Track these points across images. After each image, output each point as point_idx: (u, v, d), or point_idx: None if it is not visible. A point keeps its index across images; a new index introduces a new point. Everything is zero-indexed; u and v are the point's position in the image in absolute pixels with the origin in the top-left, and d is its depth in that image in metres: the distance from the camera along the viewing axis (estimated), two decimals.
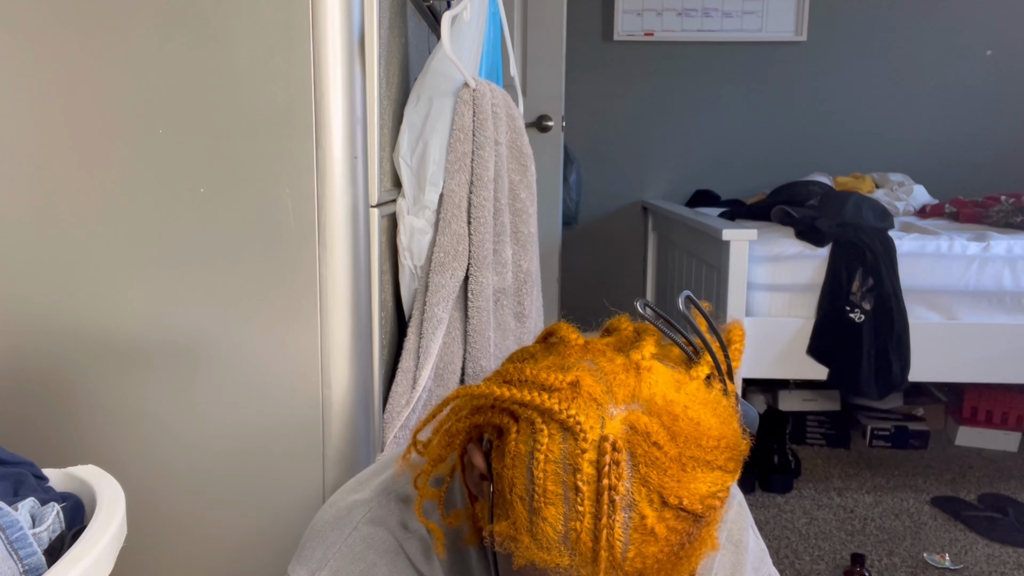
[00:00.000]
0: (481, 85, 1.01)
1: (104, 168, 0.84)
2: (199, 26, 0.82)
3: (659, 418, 0.49)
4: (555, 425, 0.50)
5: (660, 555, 0.48)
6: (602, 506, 0.48)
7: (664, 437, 0.49)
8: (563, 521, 0.49)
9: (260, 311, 0.86)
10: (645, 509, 0.48)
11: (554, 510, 0.49)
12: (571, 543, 0.48)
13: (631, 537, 0.48)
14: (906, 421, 2.88)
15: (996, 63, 3.50)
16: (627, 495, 0.48)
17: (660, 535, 0.48)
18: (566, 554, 0.48)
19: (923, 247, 2.26)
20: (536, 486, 0.50)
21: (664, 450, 0.48)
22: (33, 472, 0.72)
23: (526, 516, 0.50)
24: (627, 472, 0.48)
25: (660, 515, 0.48)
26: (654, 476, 0.48)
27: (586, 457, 0.48)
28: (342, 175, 0.84)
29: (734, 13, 3.50)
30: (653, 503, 0.48)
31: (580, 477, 0.48)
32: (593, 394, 0.51)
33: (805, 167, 3.47)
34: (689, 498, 0.48)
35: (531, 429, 0.51)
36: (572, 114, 3.48)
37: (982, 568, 2.07)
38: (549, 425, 0.50)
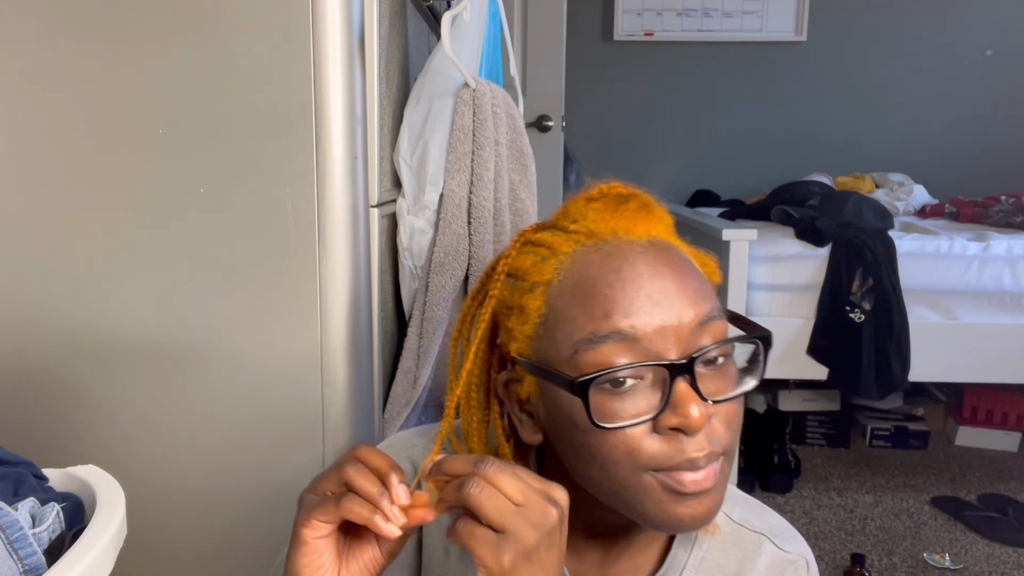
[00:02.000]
0: (481, 85, 1.01)
1: (104, 168, 0.84)
2: (199, 26, 0.82)
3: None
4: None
5: (603, 212, 0.59)
6: (556, 232, 0.61)
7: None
8: (536, 257, 0.59)
9: (260, 311, 0.86)
10: (578, 212, 0.61)
11: (528, 260, 0.60)
12: (548, 254, 0.58)
13: (582, 211, 0.61)
14: (906, 421, 2.88)
15: (996, 63, 3.50)
16: (565, 222, 0.61)
17: (596, 206, 0.60)
18: (550, 262, 0.58)
19: (923, 247, 2.26)
20: (514, 272, 0.61)
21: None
22: (33, 472, 0.72)
23: (520, 291, 0.59)
24: (561, 222, 0.62)
25: (592, 204, 0.60)
26: (574, 208, 0.62)
27: (535, 237, 0.62)
28: (342, 175, 0.84)
29: (734, 13, 3.50)
30: (583, 205, 0.61)
31: (534, 241, 0.61)
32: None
33: (805, 167, 3.46)
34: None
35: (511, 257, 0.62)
36: (572, 114, 3.47)
37: (982, 568, 2.07)
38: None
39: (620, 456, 0.54)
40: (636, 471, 0.54)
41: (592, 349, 0.53)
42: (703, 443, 0.54)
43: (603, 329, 0.53)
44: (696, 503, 0.54)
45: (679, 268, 0.56)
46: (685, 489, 0.54)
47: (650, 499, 0.54)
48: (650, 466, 0.54)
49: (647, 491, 0.54)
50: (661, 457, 0.53)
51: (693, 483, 0.54)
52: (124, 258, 0.86)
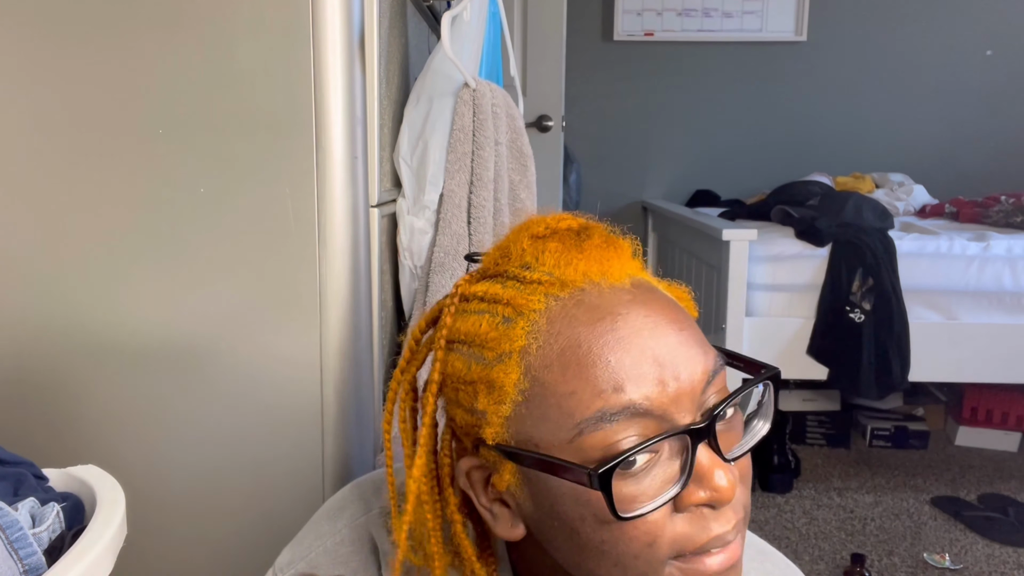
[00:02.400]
0: (481, 85, 1.01)
1: (104, 168, 0.84)
2: (199, 27, 0.82)
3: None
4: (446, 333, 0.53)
5: (566, 255, 0.51)
6: (506, 283, 0.52)
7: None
8: (493, 317, 0.50)
9: (260, 311, 0.86)
10: (529, 255, 0.52)
11: (484, 323, 0.50)
12: (512, 314, 0.49)
13: (533, 253, 0.52)
14: (906, 421, 2.88)
15: (996, 63, 3.50)
16: (511, 268, 0.52)
17: (552, 247, 0.51)
18: (518, 324, 0.49)
19: (923, 247, 2.26)
20: (463, 339, 0.51)
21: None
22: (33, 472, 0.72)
23: (481, 363, 0.50)
24: (501, 267, 0.53)
25: (541, 244, 0.52)
26: (516, 247, 0.53)
27: (470, 291, 0.53)
28: (342, 175, 0.84)
29: (734, 13, 3.50)
30: (530, 246, 0.52)
31: (477, 296, 0.52)
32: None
33: (805, 167, 3.47)
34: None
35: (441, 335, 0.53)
36: (572, 114, 3.48)
37: (982, 568, 2.07)
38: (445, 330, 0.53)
39: (640, 549, 0.46)
40: (657, 563, 0.47)
41: (600, 430, 0.45)
42: (729, 514, 0.47)
43: (614, 406, 0.45)
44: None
45: (673, 315, 0.49)
46: (712, 572, 0.47)
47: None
48: (672, 553, 0.47)
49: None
50: (685, 540, 0.47)
51: (719, 563, 0.47)
52: (124, 258, 0.86)
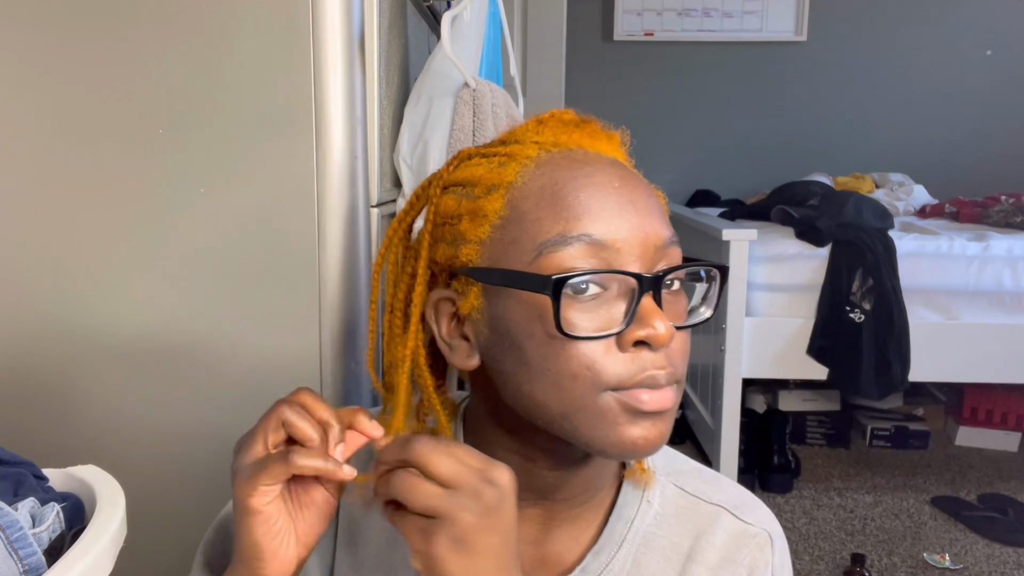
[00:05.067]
0: (481, 85, 1.01)
1: (104, 168, 0.84)
2: (199, 26, 0.82)
3: None
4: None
5: (562, 131, 0.58)
6: (506, 140, 0.59)
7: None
8: (490, 163, 0.56)
9: (260, 311, 0.86)
10: (530, 133, 0.59)
11: (481, 167, 0.56)
12: (507, 159, 0.56)
13: (534, 129, 0.59)
14: (906, 421, 2.88)
15: (996, 63, 3.50)
16: (511, 139, 0.59)
17: (552, 124, 0.59)
18: (511, 166, 0.55)
19: (923, 247, 2.26)
20: (458, 179, 0.57)
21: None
22: (33, 472, 0.72)
23: (470, 198, 0.56)
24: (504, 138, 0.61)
25: (542, 126, 0.59)
26: (519, 131, 0.60)
27: (478, 151, 0.59)
28: (342, 175, 0.84)
29: (734, 13, 3.50)
30: (532, 127, 0.60)
31: (480, 153, 0.58)
32: None
33: (805, 167, 3.46)
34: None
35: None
36: None
37: (982, 568, 2.07)
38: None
39: (579, 370, 0.51)
40: (594, 389, 0.51)
41: (558, 252, 0.51)
42: (664, 362, 0.51)
43: (572, 231, 0.51)
44: (650, 425, 0.52)
45: (646, 187, 0.56)
46: (644, 407, 0.51)
47: (605, 420, 0.51)
48: (610, 384, 0.51)
49: (603, 412, 0.51)
50: (624, 373, 0.51)
51: (653, 401, 0.51)
52: (124, 258, 0.86)
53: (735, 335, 2.18)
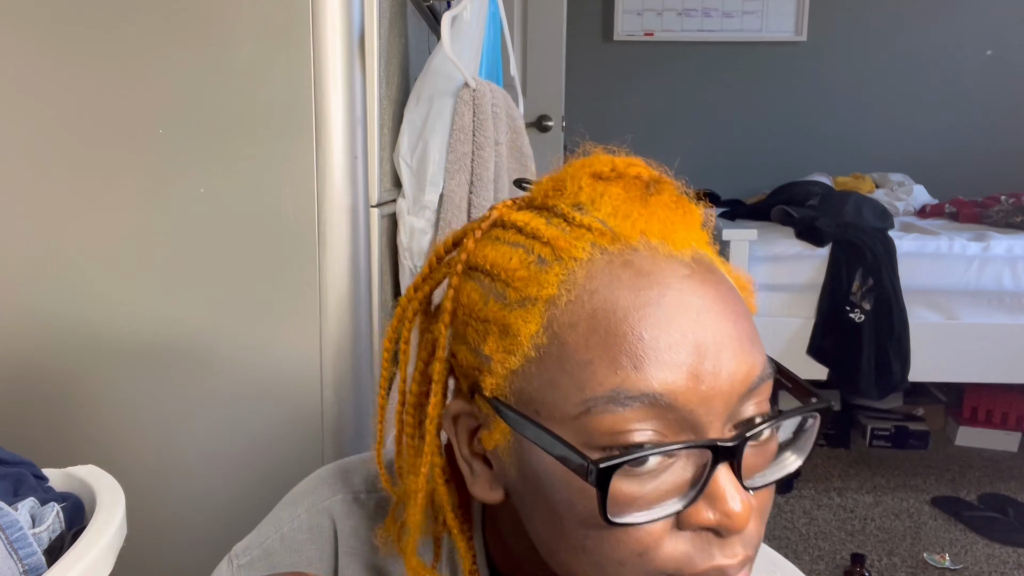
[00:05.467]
0: (481, 85, 1.01)
1: (105, 168, 0.84)
2: (199, 26, 0.82)
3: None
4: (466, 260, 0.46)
5: (627, 205, 0.44)
6: (551, 219, 0.44)
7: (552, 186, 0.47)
8: (528, 254, 0.43)
9: (260, 311, 0.86)
10: (586, 195, 0.45)
11: (515, 258, 0.43)
12: (549, 256, 0.42)
13: (590, 195, 0.44)
14: (906, 421, 2.88)
15: (996, 63, 3.50)
16: (562, 204, 0.45)
17: (615, 192, 0.44)
18: (553, 268, 0.42)
19: (923, 247, 2.26)
20: (487, 268, 0.44)
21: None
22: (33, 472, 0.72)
23: (501, 301, 0.43)
24: (551, 201, 0.45)
25: (602, 186, 0.45)
26: (573, 182, 0.45)
27: (510, 219, 0.45)
28: (342, 175, 0.84)
29: (734, 13, 3.50)
30: (588, 184, 0.45)
31: (516, 225, 0.45)
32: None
33: (805, 167, 3.46)
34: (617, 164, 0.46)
35: (450, 271, 0.47)
36: (572, 114, 3.48)
37: (982, 568, 2.07)
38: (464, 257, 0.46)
39: (628, 556, 0.40)
40: (649, 574, 0.41)
41: (611, 413, 0.39)
42: (737, 547, 0.41)
43: (631, 389, 0.39)
44: None
45: (730, 302, 0.42)
46: None
47: None
48: (666, 571, 0.40)
49: None
50: (683, 562, 0.40)
51: None
52: (124, 258, 0.86)
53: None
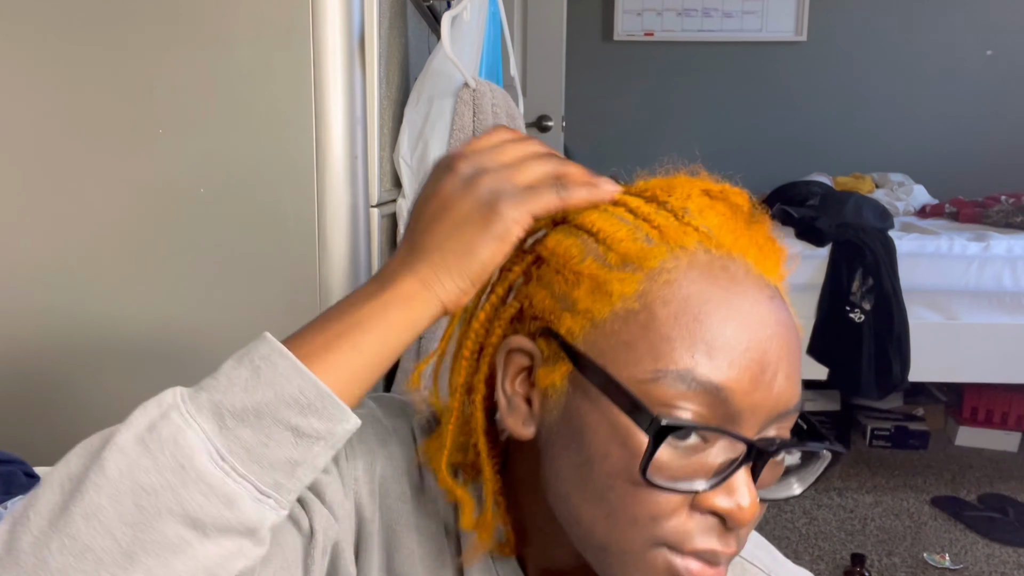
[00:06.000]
0: (481, 85, 1.01)
1: (104, 168, 0.84)
2: (199, 26, 0.82)
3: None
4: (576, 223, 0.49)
5: (731, 223, 0.48)
6: (661, 211, 0.48)
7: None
8: (637, 231, 0.47)
9: (260, 311, 0.86)
10: (694, 203, 0.49)
11: (624, 230, 0.47)
12: (657, 238, 0.46)
13: (699, 205, 0.49)
14: (906, 421, 2.88)
15: (996, 63, 3.50)
16: (673, 202, 0.49)
17: (721, 210, 0.49)
18: (659, 248, 0.46)
19: (923, 247, 2.26)
20: (594, 231, 0.47)
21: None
22: (24, 470, 0.72)
23: (600, 261, 0.46)
24: (662, 196, 0.50)
25: (709, 201, 0.50)
26: (683, 189, 0.50)
27: (623, 200, 0.49)
28: (342, 175, 0.84)
29: (734, 13, 3.50)
30: (697, 196, 0.50)
31: (628, 206, 0.48)
32: None
33: (805, 167, 3.46)
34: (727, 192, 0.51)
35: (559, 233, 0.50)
36: (572, 114, 3.47)
37: (982, 568, 2.07)
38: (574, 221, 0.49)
39: (641, 516, 0.44)
40: (649, 540, 0.44)
41: (676, 388, 0.43)
42: (732, 541, 0.45)
43: (703, 373, 0.43)
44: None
45: (794, 336, 0.47)
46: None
47: (643, 574, 0.45)
48: (667, 541, 0.44)
49: (647, 566, 0.45)
50: (685, 537, 0.44)
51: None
52: (124, 258, 0.86)
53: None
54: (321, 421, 0.42)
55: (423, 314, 0.46)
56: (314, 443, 0.42)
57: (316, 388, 0.42)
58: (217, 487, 0.40)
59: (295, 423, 0.42)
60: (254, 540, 0.41)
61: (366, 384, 0.46)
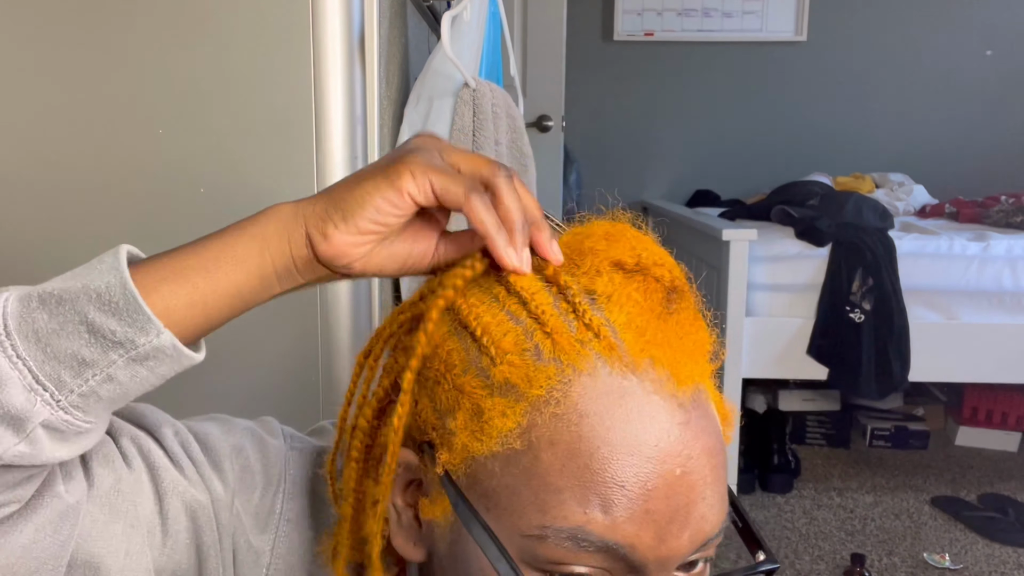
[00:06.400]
0: (481, 85, 1.01)
1: (104, 168, 0.84)
2: (199, 26, 0.82)
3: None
4: (450, 299, 0.43)
5: (642, 317, 0.41)
6: (560, 303, 0.41)
7: (577, 247, 0.44)
8: (526, 338, 0.40)
9: (260, 311, 0.86)
10: (603, 284, 0.41)
11: (511, 336, 0.40)
12: (548, 351, 0.40)
13: (607, 287, 0.41)
14: (906, 421, 2.88)
15: (996, 63, 3.50)
16: (576, 287, 0.41)
17: (633, 296, 0.41)
18: (548, 368, 0.39)
19: (923, 247, 2.26)
20: (478, 334, 0.41)
21: (589, 248, 0.43)
22: None
23: (482, 376, 0.40)
24: (565, 274, 0.42)
25: (622, 279, 0.42)
26: (593, 261, 0.42)
27: (517, 284, 0.42)
28: (342, 175, 0.84)
29: (734, 13, 3.50)
30: (608, 272, 0.42)
31: (521, 296, 0.41)
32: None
33: (805, 167, 3.46)
34: (644, 258, 0.42)
35: (436, 319, 0.43)
36: (572, 114, 3.47)
37: (982, 568, 2.07)
38: (451, 299, 0.43)
39: None
40: None
41: (566, 550, 0.38)
42: None
43: (594, 533, 0.38)
44: None
45: (715, 458, 0.41)
46: None
47: None
48: None
49: None
50: None
51: None
52: None
53: (735, 335, 2.18)
54: (120, 324, 0.39)
55: (281, 252, 0.44)
56: (110, 348, 0.39)
57: (124, 288, 0.39)
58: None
59: (92, 318, 0.39)
60: (17, 433, 0.37)
61: (208, 312, 0.43)
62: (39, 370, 0.38)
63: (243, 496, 0.49)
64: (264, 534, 0.49)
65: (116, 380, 0.39)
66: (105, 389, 0.39)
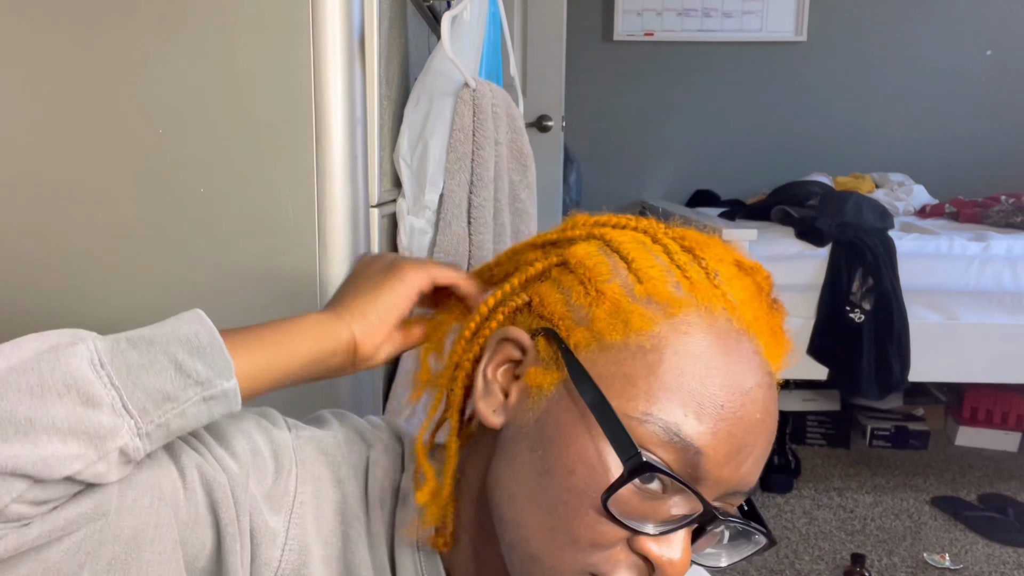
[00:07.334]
0: (481, 85, 1.01)
1: (104, 168, 0.84)
2: (199, 26, 0.82)
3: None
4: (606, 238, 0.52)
5: (753, 304, 0.50)
6: (696, 264, 0.49)
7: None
8: (668, 276, 0.48)
9: (260, 311, 0.86)
10: (724, 270, 0.50)
11: (657, 269, 0.48)
12: (687, 288, 0.48)
13: (728, 273, 0.50)
14: (906, 421, 2.88)
15: (996, 63, 3.50)
16: (707, 261, 0.50)
17: (749, 288, 0.50)
18: (686, 300, 0.47)
19: (923, 247, 2.26)
20: (629, 259, 0.49)
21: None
22: None
23: (626, 288, 0.48)
24: (698, 251, 0.51)
25: (737, 273, 0.51)
26: (716, 252, 0.51)
27: (663, 240, 0.51)
28: (342, 175, 0.84)
29: (734, 13, 3.50)
30: (727, 265, 0.51)
31: (668, 248, 0.50)
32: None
33: (805, 167, 3.46)
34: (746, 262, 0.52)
35: (591, 247, 0.52)
36: (572, 114, 3.47)
37: (982, 568, 2.07)
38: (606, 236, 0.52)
39: (583, 538, 0.45)
40: (581, 564, 0.46)
41: (661, 436, 0.45)
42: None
43: (685, 432, 0.45)
44: None
45: (774, 425, 0.49)
46: None
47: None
48: (597, 569, 0.46)
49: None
50: (614, 567, 0.46)
51: None
52: (123, 258, 0.86)
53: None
54: (204, 365, 0.44)
55: (331, 334, 0.53)
56: (190, 385, 0.44)
57: (211, 335, 0.46)
58: (83, 385, 0.41)
59: (180, 359, 0.44)
60: (97, 450, 0.41)
61: (267, 375, 0.51)
62: (128, 398, 0.42)
63: (256, 478, 0.51)
64: (279, 515, 0.51)
65: (186, 416, 0.44)
66: (176, 423, 0.44)
